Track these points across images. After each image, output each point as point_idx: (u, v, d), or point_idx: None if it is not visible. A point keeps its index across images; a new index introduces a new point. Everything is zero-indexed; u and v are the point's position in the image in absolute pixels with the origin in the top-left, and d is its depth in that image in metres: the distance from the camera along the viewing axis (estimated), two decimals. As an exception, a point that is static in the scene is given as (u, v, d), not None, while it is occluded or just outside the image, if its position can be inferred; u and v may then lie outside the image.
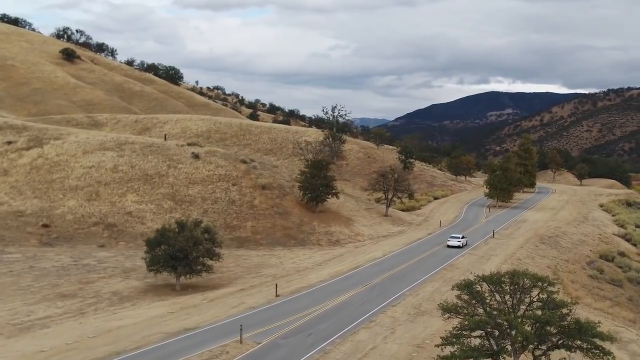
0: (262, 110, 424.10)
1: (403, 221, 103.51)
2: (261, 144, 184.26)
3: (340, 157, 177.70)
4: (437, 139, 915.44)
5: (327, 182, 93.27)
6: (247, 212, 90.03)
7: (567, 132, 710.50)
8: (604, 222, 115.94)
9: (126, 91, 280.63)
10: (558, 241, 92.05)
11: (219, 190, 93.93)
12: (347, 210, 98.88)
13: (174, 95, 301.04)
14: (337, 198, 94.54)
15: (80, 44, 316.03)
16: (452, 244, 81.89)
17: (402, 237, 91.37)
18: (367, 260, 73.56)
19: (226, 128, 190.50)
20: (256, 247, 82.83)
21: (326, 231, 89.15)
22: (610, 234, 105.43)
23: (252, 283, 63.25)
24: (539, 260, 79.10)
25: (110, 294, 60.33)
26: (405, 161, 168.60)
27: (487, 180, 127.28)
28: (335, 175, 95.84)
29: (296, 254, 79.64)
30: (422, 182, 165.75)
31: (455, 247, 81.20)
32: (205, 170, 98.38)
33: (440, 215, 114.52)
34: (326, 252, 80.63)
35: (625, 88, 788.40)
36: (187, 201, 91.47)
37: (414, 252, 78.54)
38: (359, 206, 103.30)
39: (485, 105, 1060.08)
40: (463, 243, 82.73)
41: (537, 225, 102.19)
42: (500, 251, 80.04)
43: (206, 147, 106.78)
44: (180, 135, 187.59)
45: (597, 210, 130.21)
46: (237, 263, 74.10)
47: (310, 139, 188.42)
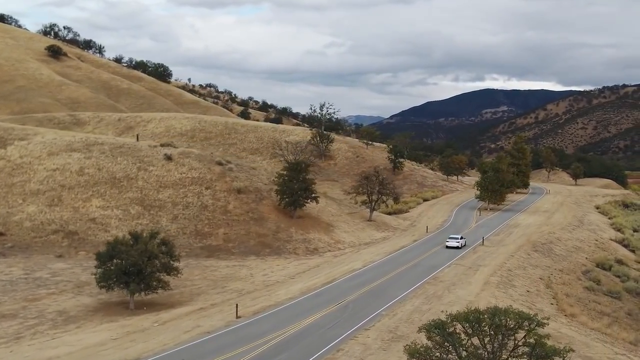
0: (254, 108, 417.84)
1: (388, 226, 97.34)
2: (247, 143, 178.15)
3: (328, 157, 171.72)
4: (432, 136, 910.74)
5: (306, 185, 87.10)
6: (220, 218, 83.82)
7: (562, 129, 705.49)
8: (600, 226, 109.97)
9: (113, 89, 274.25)
10: (552, 248, 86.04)
11: (191, 195, 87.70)
12: (328, 215, 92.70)
13: (163, 93, 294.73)
14: (317, 203, 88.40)
15: (68, 41, 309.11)
16: (451, 244, 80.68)
17: (385, 244, 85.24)
18: (344, 272, 67.44)
19: (211, 127, 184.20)
20: (227, 256, 76.60)
21: (304, 238, 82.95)
22: (607, 240, 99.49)
23: (215, 300, 57.06)
24: (531, 270, 73.05)
25: (56, 313, 54.06)
26: (395, 161, 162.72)
27: (478, 181, 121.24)
28: (315, 178, 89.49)
29: (269, 264, 73.45)
30: (412, 183, 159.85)
31: (454, 247, 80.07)
32: (178, 172, 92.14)
33: (428, 219, 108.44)
34: (302, 262, 74.45)
35: (620, 85, 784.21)
36: (157, 206, 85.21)
37: (397, 262, 72.45)
38: (341, 210, 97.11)
39: (480, 102, 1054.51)
40: (462, 244, 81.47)
41: (529, 231, 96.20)
42: (489, 261, 73.99)
43: (180, 148, 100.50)
44: (164, 134, 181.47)
45: (593, 213, 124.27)
46: (203, 275, 67.89)
47: (298, 138, 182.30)
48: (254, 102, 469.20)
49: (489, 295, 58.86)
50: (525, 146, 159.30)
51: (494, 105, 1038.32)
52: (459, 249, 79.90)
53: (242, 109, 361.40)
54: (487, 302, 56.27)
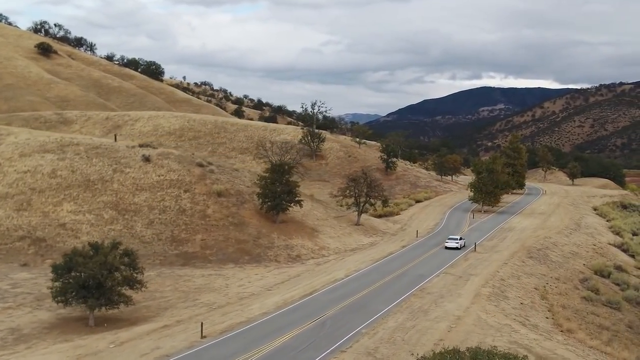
0: (249, 107, 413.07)
1: (376, 231, 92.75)
2: (237, 143, 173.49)
3: (319, 157, 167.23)
4: (429, 134, 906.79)
5: (289, 188, 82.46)
6: (198, 223, 79.15)
7: (558, 127, 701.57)
8: (598, 229, 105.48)
9: (104, 87, 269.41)
10: (548, 254, 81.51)
11: (168, 198, 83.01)
12: (314, 220, 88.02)
13: (155, 91, 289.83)
14: (300, 207, 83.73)
15: (59, 39, 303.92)
16: (450, 245, 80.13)
17: (372, 250, 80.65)
18: (325, 282, 62.84)
19: (200, 126, 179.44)
20: (204, 264, 71.95)
21: (286, 245, 78.30)
22: (605, 244, 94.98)
23: (182, 316, 52.43)
24: (525, 279, 68.51)
25: (8, 331, 49.40)
26: (388, 161, 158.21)
27: (471, 182, 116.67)
28: (300, 180, 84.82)
29: (248, 273, 68.82)
30: (405, 183, 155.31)
31: (453, 248, 79.44)
32: (156, 175, 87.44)
33: (419, 222, 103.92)
34: (282, 270, 69.83)
35: (617, 83, 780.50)
36: (132, 210, 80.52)
37: (382, 271, 67.85)
38: (327, 214, 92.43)
39: (477, 100, 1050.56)
40: (461, 244, 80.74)
41: (524, 235, 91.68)
42: (481, 269, 69.43)
43: (159, 149, 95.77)
44: (152, 133, 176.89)
45: (590, 215, 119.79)
46: (176, 286, 63.26)
47: (289, 137, 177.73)
48: (249, 100, 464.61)
49: (479, 309, 54.32)
50: (521, 145, 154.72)
51: (491, 103, 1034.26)
52: (457, 250, 79.19)
53: (236, 107, 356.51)
54: (477, 317, 51.80)
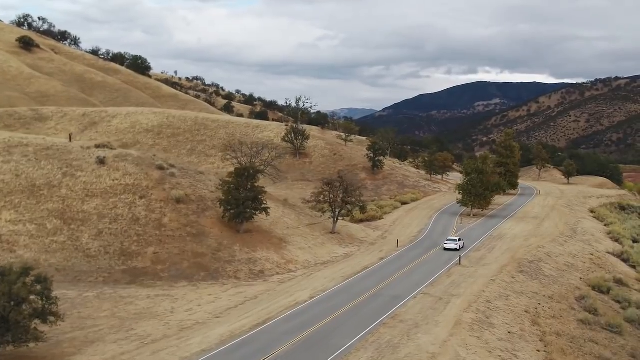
0: (240, 102, 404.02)
1: (353, 240, 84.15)
2: (217, 140, 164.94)
3: (303, 155, 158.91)
4: (424, 129, 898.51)
5: (254, 194, 73.81)
6: (152, 234, 70.53)
7: (554, 122, 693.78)
8: (596, 235, 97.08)
9: (87, 82, 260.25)
10: (540, 267, 73.05)
11: (121, 205, 74.33)
12: (283, 228, 79.33)
13: (140, 86, 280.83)
14: (267, 215, 75.04)
15: (42, 32, 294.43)
16: (449, 246, 78.54)
17: (346, 264, 72.10)
18: (285, 307, 54.29)
19: (180, 123, 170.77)
20: (153, 282, 63.38)
21: (249, 258, 69.68)
22: (603, 253, 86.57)
23: (106, 354, 43.87)
24: (515, 300, 60.04)
25: None
26: (374, 159, 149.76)
27: (460, 184, 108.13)
28: (264, 188, 76.06)
29: (200, 293, 60.25)
30: (392, 183, 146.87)
31: (452, 249, 77.86)
32: (110, 179, 78.73)
33: (402, 228, 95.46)
34: (240, 290, 61.26)
35: (612, 78, 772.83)
36: (80, 219, 71.88)
37: (353, 291, 59.32)
38: (300, 221, 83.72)
39: (472, 95, 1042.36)
40: (460, 246, 79.12)
41: (515, 244, 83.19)
42: (465, 288, 60.94)
43: (117, 150, 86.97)
44: (129, 130, 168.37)
45: (587, 219, 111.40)
46: (114, 311, 54.68)
47: (272, 135, 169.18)
48: (241, 95, 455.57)
49: (458, 343, 45.86)
50: (514, 143, 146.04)
51: (486, 98, 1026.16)
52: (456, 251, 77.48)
53: (226, 102, 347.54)
54: (455, 355, 43.37)
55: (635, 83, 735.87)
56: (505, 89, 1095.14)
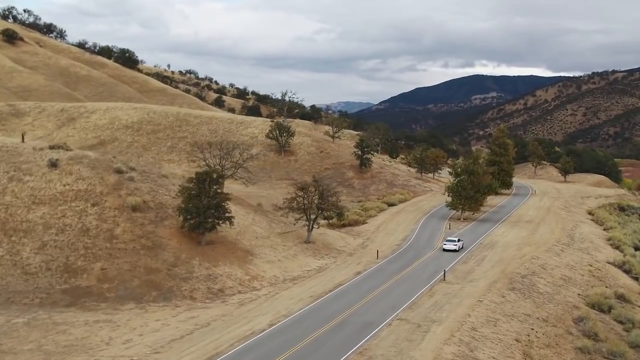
0: (233, 95, 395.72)
1: (330, 250, 76.37)
2: (199, 137, 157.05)
3: (289, 152, 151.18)
4: (421, 122, 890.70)
5: (217, 202, 66.06)
6: (101, 247, 62.80)
7: (551, 116, 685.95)
8: (595, 242, 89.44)
9: (72, 76, 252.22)
10: (534, 283, 65.42)
11: (71, 214, 66.56)
12: (251, 238, 71.51)
13: (127, 80, 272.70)
14: (230, 225, 67.23)
15: (27, 25, 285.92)
16: (448, 247, 76.68)
17: (318, 280, 64.40)
18: (238, 338, 46.62)
19: (161, 119, 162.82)
20: (96, 304, 55.67)
21: (208, 275, 61.96)
22: (603, 263, 78.93)
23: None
24: (505, 325, 52.43)
25: None
26: (362, 157, 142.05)
27: (449, 186, 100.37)
28: (230, 194, 68.13)
29: (147, 318, 52.57)
30: (381, 182, 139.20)
31: (451, 250, 76.17)
32: (61, 184, 70.89)
33: (385, 235, 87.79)
34: (193, 314, 53.57)
35: (610, 71, 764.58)
36: (22, 230, 64.13)
37: (320, 316, 51.65)
38: (271, 230, 75.90)
39: (469, 88, 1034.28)
40: (459, 246, 77.44)
41: (507, 254, 75.51)
42: (448, 311, 53.29)
43: (73, 151, 79.03)
44: (107, 126, 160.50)
45: (585, 223, 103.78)
46: (41, 342, 47.03)
47: (256, 131, 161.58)
48: (234, 89, 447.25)
49: (435, 388, 38.28)
50: (507, 140, 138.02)
51: (483, 91, 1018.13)
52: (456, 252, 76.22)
53: (217, 96, 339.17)
54: (429, 408, 35.71)
55: (633, 76, 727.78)
56: (502, 82, 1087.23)
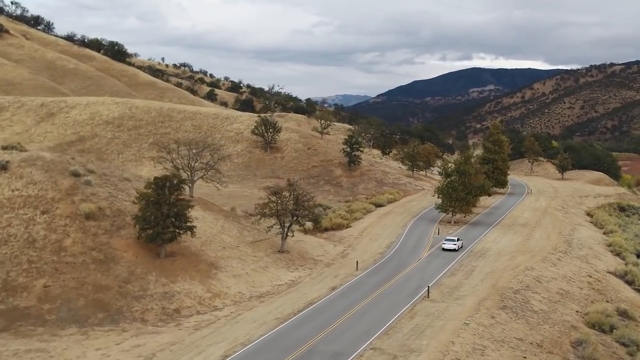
0: (228, 89, 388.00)
1: (306, 260, 69.60)
2: (182, 133, 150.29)
3: (275, 149, 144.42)
4: (418, 115, 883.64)
5: (178, 209, 59.30)
6: (47, 260, 56.06)
7: (548, 109, 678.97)
8: (594, 248, 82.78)
9: (58, 69, 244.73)
10: (528, 299, 58.77)
11: (17, 223, 59.77)
12: (218, 249, 64.70)
13: (116, 73, 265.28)
14: (192, 235, 60.46)
15: (14, 17, 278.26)
16: (448, 247, 74.90)
17: (288, 297, 57.64)
18: (184, 374, 39.99)
19: (143, 114, 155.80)
20: (34, 328, 48.98)
21: (165, 292, 55.21)
22: (604, 273, 72.26)
23: None
24: (493, 354, 45.78)
25: None
26: (351, 154, 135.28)
27: (439, 187, 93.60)
28: (191, 201, 61.29)
29: (86, 347, 45.89)
30: (370, 181, 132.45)
31: (450, 250, 74.33)
32: (9, 189, 64.05)
33: (369, 241, 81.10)
34: (139, 341, 46.90)
35: (607, 64, 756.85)
36: (-39, 242, 57.41)
37: (282, 345, 44.96)
38: (241, 239, 69.06)
39: (467, 81, 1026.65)
40: (459, 245, 75.66)
41: (499, 265, 68.80)
42: (429, 337, 46.62)
43: (28, 152, 72.19)
44: (88, 122, 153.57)
45: (583, 226, 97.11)
46: (-44, 379, 40.40)
47: (242, 127, 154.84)
48: (229, 82, 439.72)
49: None
50: (502, 137, 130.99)
51: (480, 84, 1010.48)
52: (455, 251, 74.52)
53: (210, 89, 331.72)
54: None
55: (631, 69, 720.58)
56: (499, 75, 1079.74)
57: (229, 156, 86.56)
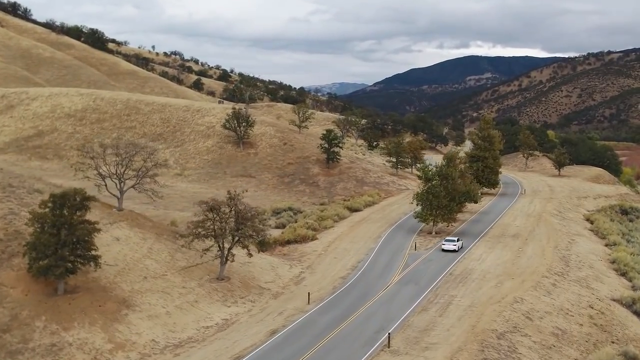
0: (219, 77, 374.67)
1: (249, 289, 57.12)
2: (149, 127, 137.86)
3: (248, 145, 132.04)
4: (415, 104, 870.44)
5: (80, 235, 46.84)
6: None
7: (545, 97, 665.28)
8: (596, 266, 70.48)
9: (33, 58, 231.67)
10: (515, 347, 46.50)
11: None
12: (136, 279, 52.22)
13: (95, 62, 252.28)
14: (96, 267, 48.07)
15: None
16: (448, 247, 71.03)
17: (212, 347, 45.28)
18: None
19: (108, 106, 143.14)
20: None
21: (52, 344, 42.86)
22: (607, 301, 59.94)
23: None
24: None
25: None
26: (329, 150, 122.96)
27: (418, 193, 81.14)
28: (98, 223, 48.76)
29: None
30: (350, 180, 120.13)
31: (450, 251, 70.47)
32: None
33: (334, 258, 68.76)
34: None
35: (605, 52, 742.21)
36: None
37: None
38: (172, 263, 56.62)
39: (464, 69, 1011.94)
40: (459, 246, 71.85)
41: (482, 295, 56.38)
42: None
43: None
44: (48, 115, 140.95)
45: (582, 235, 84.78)
46: None
47: (214, 120, 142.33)
48: (221, 70, 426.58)
49: None
50: (494, 132, 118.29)
51: (477, 72, 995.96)
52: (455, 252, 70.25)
53: (197, 78, 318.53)
54: None
55: (628, 57, 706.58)
56: (496, 63, 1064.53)
57: (165, 162, 73.78)
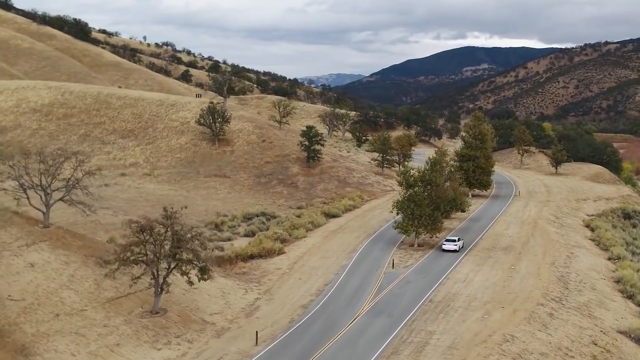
0: (210, 69, 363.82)
1: (189, 325, 47.77)
2: (119, 123, 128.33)
3: (224, 142, 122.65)
4: (412, 95, 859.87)
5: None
6: None
7: (542, 88, 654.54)
8: (598, 287, 61.20)
9: (11, 49, 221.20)
10: (503, 406, 37.25)
11: None
12: (46, 318, 42.88)
13: (77, 53, 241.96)
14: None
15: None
16: (448, 247, 68.14)
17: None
18: None
19: (77, 100, 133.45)
20: None
21: None
22: (613, 334, 50.68)
23: None
24: None
25: None
26: (310, 148, 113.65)
27: (398, 202, 71.78)
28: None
29: None
30: (332, 180, 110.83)
31: (451, 251, 67.57)
32: None
33: (299, 279, 59.44)
34: None
35: (602, 42, 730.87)
36: None
37: None
38: (97, 294, 47.22)
39: (460, 60, 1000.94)
40: (460, 246, 68.69)
41: (465, 331, 47.00)
42: None
43: None
44: (13, 110, 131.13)
45: (582, 247, 75.46)
46: None
47: (189, 115, 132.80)
48: (213, 61, 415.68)
49: None
50: (485, 129, 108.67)
51: (474, 63, 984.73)
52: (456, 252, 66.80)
53: (185, 70, 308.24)
54: None
55: (626, 47, 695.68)
56: (493, 54, 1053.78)
57: (98, 170, 64.77)
